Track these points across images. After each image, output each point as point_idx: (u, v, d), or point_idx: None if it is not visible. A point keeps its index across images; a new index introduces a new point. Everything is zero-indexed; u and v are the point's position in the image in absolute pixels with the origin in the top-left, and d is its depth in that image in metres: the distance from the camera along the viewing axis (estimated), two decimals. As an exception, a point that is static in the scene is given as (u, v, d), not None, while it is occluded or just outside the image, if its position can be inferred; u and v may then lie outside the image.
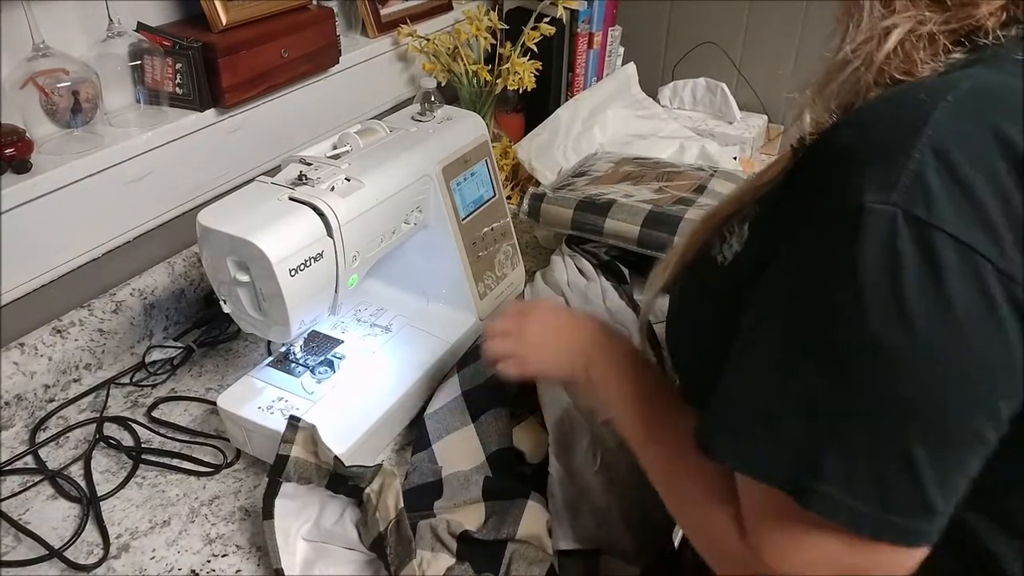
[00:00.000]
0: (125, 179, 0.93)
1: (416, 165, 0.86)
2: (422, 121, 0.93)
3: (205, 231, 0.72)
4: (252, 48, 1.00)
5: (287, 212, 0.73)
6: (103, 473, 0.82)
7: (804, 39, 1.55)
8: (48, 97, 0.85)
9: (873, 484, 0.42)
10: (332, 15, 1.12)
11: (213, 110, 1.00)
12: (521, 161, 1.31)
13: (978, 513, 0.46)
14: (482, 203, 0.97)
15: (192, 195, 1.03)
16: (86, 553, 0.73)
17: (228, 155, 1.05)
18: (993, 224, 0.40)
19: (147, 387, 0.93)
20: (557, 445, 0.82)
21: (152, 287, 0.99)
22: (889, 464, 0.42)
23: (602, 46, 1.57)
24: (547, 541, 0.71)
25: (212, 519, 0.77)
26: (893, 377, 0.41)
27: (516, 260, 1.04)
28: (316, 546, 0.72)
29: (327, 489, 0.72)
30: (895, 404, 0.41)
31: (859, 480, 0.42)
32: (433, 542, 0.68)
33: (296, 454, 0.71)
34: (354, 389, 0.85)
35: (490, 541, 0.69)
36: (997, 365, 0.41)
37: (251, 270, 0.72)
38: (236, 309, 0.76)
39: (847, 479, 0.42)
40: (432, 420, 0.84)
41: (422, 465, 0.80)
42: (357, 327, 0.95)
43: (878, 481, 0.42)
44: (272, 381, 0.85)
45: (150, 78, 0.95)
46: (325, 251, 0.74)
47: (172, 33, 0.95)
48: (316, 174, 0.78)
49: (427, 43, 1.28)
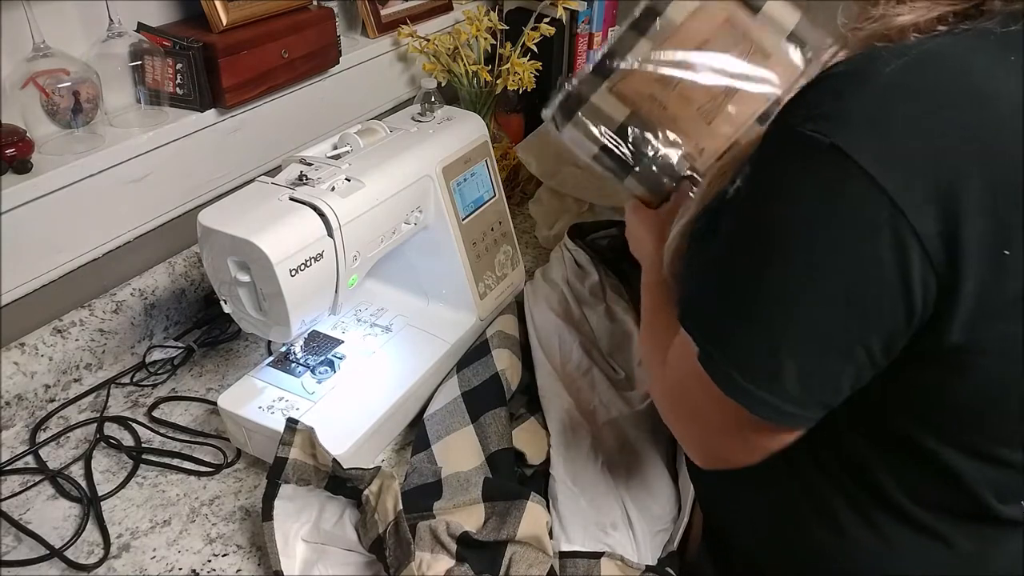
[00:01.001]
0: (126, 179, 0.93)
1: (416, 165, 0.86)
2: (422, 121, 0.93)
3: (206, 231, 0.72)
4: (252, 48, 1.00)
5: (287, 212, 0.73)
6: (103, 473, 0.82)
7: (804, 39, 1.55)
8: (49, 97, 0.85)
9: (744, 353, 0.51)
10: (332, 15, 1.12)
11: (213, 110, 1.00)
12: (521, 160, 1.31)
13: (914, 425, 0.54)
14: (482, 203, 0.97)
15: (192, 195, 1.03)
16: (87, 553, 0.73)
17: (229, 155, 1.05)
18: (906, 166, 0.44)
19: (147, 387, 0.93)
20: (558, 446, 0.82)
21: (153, 287, 0.99)
22: (761, 341, 0.50)
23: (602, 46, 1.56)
24: (547, 542, 0.71)
25: (212, 519, 0.77)
26: (781, 268, 0.49)
27: (516, 260, 1.04)
28: (315, 547, 0.72)
29: (326, 491, 0.72)
30: (781, 291, 0.49)
31: (735, 348, 0.51)
32: (433, 543, 0.68)
33: (295, 456, 0.71)
34: (354, 389, 0.85)
35: (490, 542, 0.69)
36: (867, 295, 0.46)
37: (252, 270, 0.72)
38: (236, 309, 0.76)
39: (728, 343, 0.52)
40: (432, 421, 0.84)
41: (422, 466, 0.80)
42: (357, 327, 0.95)
43: (749, 352, 0.51)
44: (272, 381, 0.85)
45: (150, 78, 0.95)
46: (325, 251, 0.74)
47: (172, 33, 0.95)
48: (316, 174, 0.78)
49: (427, 43, 1.28)
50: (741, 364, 0.51)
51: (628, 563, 0.72)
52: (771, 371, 0.50)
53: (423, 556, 0.67)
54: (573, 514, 0.75)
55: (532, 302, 0.98)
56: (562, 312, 0.96)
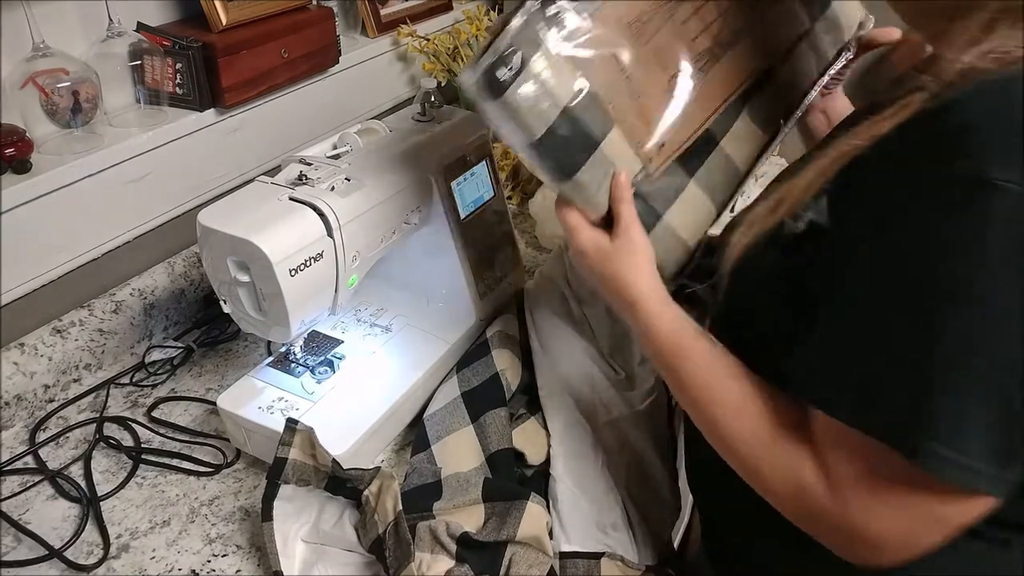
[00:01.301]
0: (125, 179, 0.93)
1: (416, 165, 0.86)
2: (422, 121, 0.93)
3: (205, 231, 0.72)
4: (252, 48, 1.00)
5: (287, 212, 0.73)
6: (103, 473, 0.82)
7: (805, 39, 1.55)
8: (48, 97, 0.85)
9: (982, 440, 0.44)
10: (332, 15, 1.12)
11: (213, 110, 1.00)
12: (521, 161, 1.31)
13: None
14: (482, 203, 0.97)
15: (192, 195, 1.02)
16: (86, 553, 0.73)
17: (228, 155, 1.05)
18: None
19: (147, 387, 0.93)
20: (558, 446, 0.82)
21: (152, 287, 0.99)
22: (995, 421, 0.43)
23: (602, 46, 1.56)
24: (547, 543, 0.71)
25: (212, 519, 0.77)
26: (1007, 342, 0.43)
27: (516, 260, 1.04)
28: (315, 548, 0.72)
29: (326, 491, 0.72)
30: (1009, 365, 0.43)
31: (969, 437, 0.44)
32: (432, 544, 0.67)
33: (294, 456, 0.71)
34: (354, 389, 0.85)
35: (490, 543, 0.69)
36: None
37: (251, 270, 0.72)
38: (236, 309, 0.76)
39: (958, 435, 0.44)
40: (431, 421, 0.84)
41: (421, 466, 0.80)
42: (357, 327, 0.95)
43: (985, 437, 0.44)
44: (272, 381, 0.84)
45: (150, 78, 0.95)
46: (325, 251, 0.74)
47: (172, 33, 0.95)
48: (316, 174, 0.78)
49: (427, 43, 1.28)
50: (969, 446, 0.44)
51: (628, 563, 0.72)
52: (1005, 447, 0.44)
53: (423, 556, 0.67)
54: (573, 514, 0.75)
55: (532, 302, 0.98)
56: (562, 312, 0.95)
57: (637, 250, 0.64)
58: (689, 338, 0.62)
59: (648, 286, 0.64)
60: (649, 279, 0.64)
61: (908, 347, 0.46)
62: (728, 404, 0.58)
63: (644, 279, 0.64)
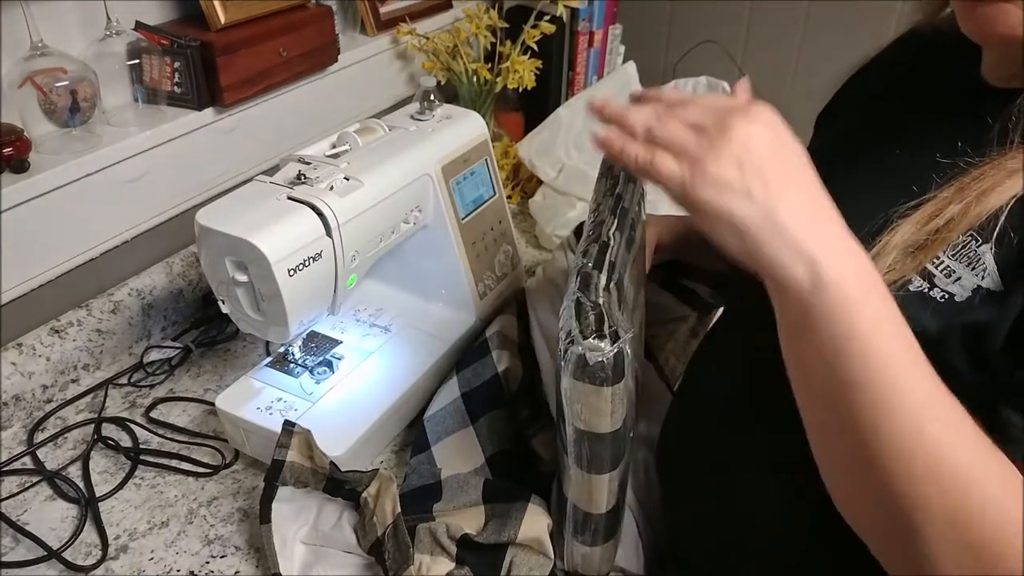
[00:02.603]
0: (123, 179, 0.93)
1: (415, 164, 0.86)
2: (421, 120, 0.93)
3: (203, 231, 0.72)
4: (250, 47, 0.99)
5: (286, 212, 0.72)
6: (101, 474, 0.81)
7: (806, 38, 1.55)
8: (46, 96, 0.85)
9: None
10: (331, 13, 1.11)
11: (211, 109, 1.00)
12: (522, 159, 1.30)
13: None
14: (482, 202, 0.96)
15: (190, 195, 1.02)
16: (84, 554, 0.73)
17: (226, 154, 1.05)
18: None
19: (145, 387, 0.93)
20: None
21: (150, 287, 0.98)
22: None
23: (602, 44, 1.56)
24: (548, 544, 0.70)
25: (211, 520, 0.77)
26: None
27: (516, 260, 1.04)
28: (314, 549, 0.71)
29: (324, 492, 0.72)
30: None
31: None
32: (432, 546, 0.67)
33: (292, 459, 0.71)
34: (353, 390, 0.84)
35: (490, 545, 0.69)
36: None
37: (249, 270, 0.71)
38: (234, 309, 0.76)
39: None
40: (431, 422, 0.83)
41: (421, 467, 0.79)
42: (356, 327, 0.94)
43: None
44: (271, 382, 0.84)
45: (148, 77, 0.95)
46: (324, 251, 0.74)
47: (170, 32, 0.95)
48: (315, 173, 0.77)
49: (426, 41, 1.27)
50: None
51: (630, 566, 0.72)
52: None
53: (422, 558, 0.66)
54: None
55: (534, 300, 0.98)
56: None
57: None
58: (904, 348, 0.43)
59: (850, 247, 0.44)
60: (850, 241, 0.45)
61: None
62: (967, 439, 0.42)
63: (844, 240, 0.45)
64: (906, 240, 0.49)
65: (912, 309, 0.47)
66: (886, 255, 0.49)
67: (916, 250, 0.49)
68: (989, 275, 0.47)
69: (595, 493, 0.62)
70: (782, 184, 0.44)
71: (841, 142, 0.66)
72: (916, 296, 0.49)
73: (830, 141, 0.69)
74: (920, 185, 0.51)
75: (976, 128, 0.50)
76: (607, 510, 0.64)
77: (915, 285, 0.49)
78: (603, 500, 0.63)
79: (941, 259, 0.48)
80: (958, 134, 0.52)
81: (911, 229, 0.49)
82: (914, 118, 0.60)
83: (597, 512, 0.64)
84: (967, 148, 0.50)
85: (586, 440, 0.59)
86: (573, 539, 0.67)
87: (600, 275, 0.57)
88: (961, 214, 0.47)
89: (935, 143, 0.53)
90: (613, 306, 0.56)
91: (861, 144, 0.62)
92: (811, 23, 1.53)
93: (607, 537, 0.67)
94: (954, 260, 0.48)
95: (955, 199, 0.48)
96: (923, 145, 0.55)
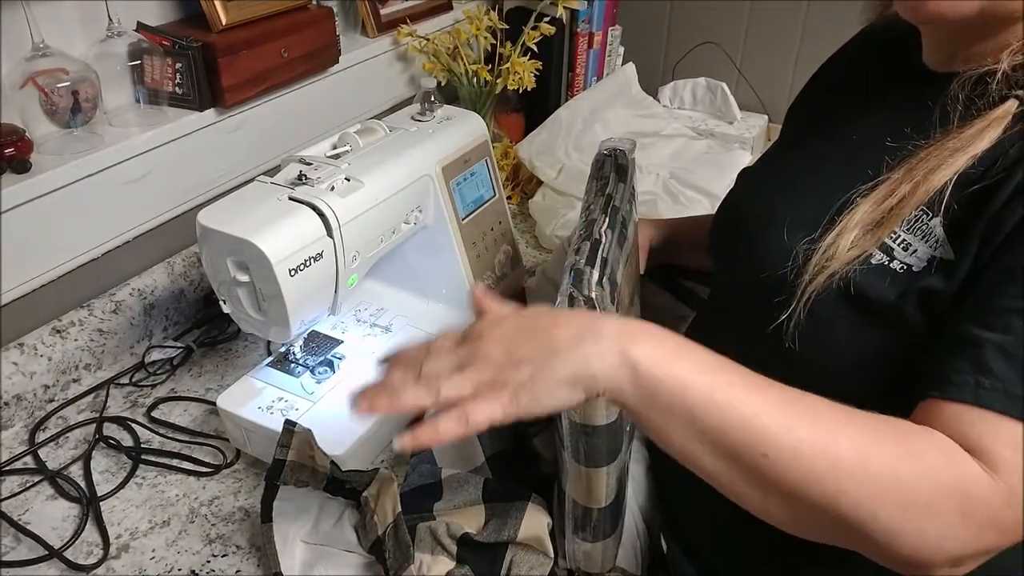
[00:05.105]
0: (125, 179, 0.93)
1: (416, 165, 0.86)
2: (422, 121, 0.93)
3: (205, 231, 0.72)
4: (252, 48, 1.00)
5: (287, 212, 0.73)
6: (103, 473, 0.82)
7: (805, 39, 1.55)
8: (48, 97, 0.85)
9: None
10: (332, 15, 1.12)
11: (213, 110, 1.00)
12: (522, 160, 1.31)
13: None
14: (482, 203, 0.97)
15: (192, 195, 1.02)
16: (86, 553, 0.73)
17: (228, 155, 1.05)
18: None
19: (147, 387, 0.93)
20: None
21: (152, 287, 0.99)
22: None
23: (602, 46, 1.56)
24: (548, 544, 0.70)
25: (212, 519, 0.77)
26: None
27: (516, 260, 1.04)
28: (315, 548, 0.72)
29: (325, 491, 0.72)
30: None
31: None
32: (433, 545, 0.67)
33: (292, 458, 0.71)
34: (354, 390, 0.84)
35: (490, 544, 0.69)
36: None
37: (251, 270, 0.72)
38: (236, 309, 0.76)
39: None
40: (431, 421, 0.83)
41: (421, 467, 0.79)
42: (357, 327, 0.95)
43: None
44: (272, 381, 0.84)
45: (150, 78, 0.95)
46: (325, 251, 0.74)
47: (172, 33, 0.95)
48: (316, 174, 0.77)
49: (427, 43, 1.28)
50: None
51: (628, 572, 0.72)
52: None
53: (423, 558, 0.67)
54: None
55: (534, 302, 0.98)
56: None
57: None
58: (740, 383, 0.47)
59: (633, 323, 0.49)
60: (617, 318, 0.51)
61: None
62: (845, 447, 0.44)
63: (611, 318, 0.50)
64: (864, 218, 0.54)
65: (875, 281, 0.53)
66: (848, 232, 0.54)
67: (874, 227, 0.54)
68: (941, 245, 0.52)
69: (593, 487, 0.63)
70: (548, 333, 0.49)
71: (803, 130, 0.72)
72: (878, 269, 0.54)
73: (794, 131, 0.77)
74: (874, 168, 0.56)
75: (920, 113, 0.56)
76: (606, 504, 0.64)
77: (876, 259, 0.54)
78: (602, 494, 0.63)
79: (898, 233, 0.54)
80: (905, 120, 0.58)
81: (868, 208, 0.54)
82: (866, 107, 0.66)
83: (596, 507, 0.64)
84: (914, 133, 0.55)
85: (582, 433, 0.60)
86: (574, 536, 0.67)
87: (592, 271, 0.58)
88: (911, 192, 0.53)
89: (885, 129, 0.59)
90: (606, 300, 0.57)
91: (821, 133, 0.68)
92: (810, 23, 1.54)
93: (608, 533, 0.67)
94: (909, 234, 0.54)
95: (905, 179, 0.54)
96: (874, 131, 0.61)
